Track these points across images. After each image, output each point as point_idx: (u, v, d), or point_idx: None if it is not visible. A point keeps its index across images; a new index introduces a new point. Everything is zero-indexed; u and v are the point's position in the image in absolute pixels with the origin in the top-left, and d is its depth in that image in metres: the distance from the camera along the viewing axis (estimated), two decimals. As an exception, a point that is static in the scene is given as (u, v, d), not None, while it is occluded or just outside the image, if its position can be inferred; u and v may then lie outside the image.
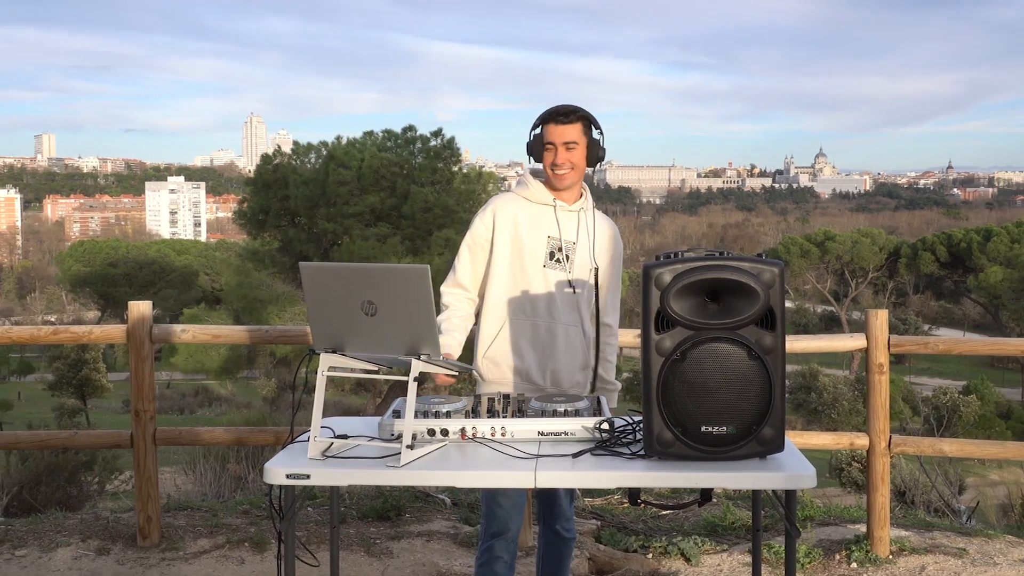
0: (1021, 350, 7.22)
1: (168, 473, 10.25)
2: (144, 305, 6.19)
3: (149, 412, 6.12)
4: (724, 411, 3.10)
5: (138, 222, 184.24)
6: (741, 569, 5.90)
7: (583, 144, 4.07)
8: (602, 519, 6.67)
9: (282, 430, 5.93)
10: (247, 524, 6.47)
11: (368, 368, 3.36)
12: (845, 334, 6.71)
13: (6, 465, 8.97)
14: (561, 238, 4.10)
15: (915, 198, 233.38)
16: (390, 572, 5.79)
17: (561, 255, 4.10)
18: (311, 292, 3.29)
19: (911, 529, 6.54)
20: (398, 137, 33.39)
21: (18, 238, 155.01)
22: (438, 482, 3.30)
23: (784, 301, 3.15)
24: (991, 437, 28.89)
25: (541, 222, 4.11)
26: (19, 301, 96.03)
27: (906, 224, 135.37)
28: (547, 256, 4.09)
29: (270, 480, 3.17)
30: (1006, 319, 57.13)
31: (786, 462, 3.16)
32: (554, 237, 4.10)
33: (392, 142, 33.44)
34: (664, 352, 3.11)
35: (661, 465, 3.14)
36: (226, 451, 9.28)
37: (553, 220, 4.10)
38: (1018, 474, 10.51)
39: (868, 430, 6.17)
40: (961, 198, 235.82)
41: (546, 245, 4.09)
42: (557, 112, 4.05)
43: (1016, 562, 5.95)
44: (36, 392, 48.21)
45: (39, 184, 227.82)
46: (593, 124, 4.10)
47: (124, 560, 5.89)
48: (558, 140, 4.01)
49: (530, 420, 3.42)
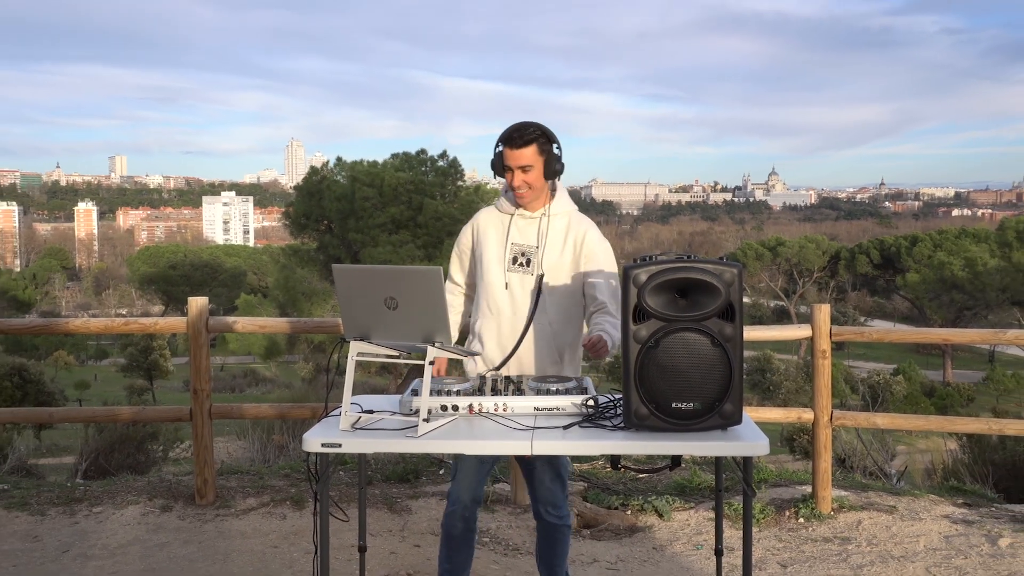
0: (942, 338, 7.20)
1: (221, 442, 10.24)
2: (201, 300, 6.18)
3: (206, 391, 6.13)
4: (691, 390, 3.10)
5: (196, 230, 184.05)
6: (706, 524, 5.90)
7: (539, 163, 3.84)
8: (588, 481, 6.66)
9: (318, 406, 5.93)
10: (288, 486, 6.47)
11: (391, 354, 3.36)
12: (794, 325, 6.70)
13: (85, 436, 8.97)
14: (523, 244, 3.95)
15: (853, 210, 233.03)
16: (409, 526, 5.79)
17: (523, 259, 3.93)
18: (342, 289, 3.29)
19: (849, 490, 6.54)
20: (413, 159, 33.60)
21: (95, 244, 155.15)
22: (449, 450, 3.29)
23: (742, 297, 3.14)
24: (917, 412, 28.89)
25: (507, 230, 3.98)
26: (96, 297, 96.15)
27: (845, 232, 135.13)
28: (510, 261, 3.94)
29: (308, 448, 3.17)
30: (929, 312, 57.11)
31: (744, 433, 3.15)
32: (517, 243, 3.94)
33: (407, 163, 33.61)
34: (640, 340, 3.11)
35: (638, 435, 3.14)
36: (270, 424, 9.28)
37: (515, 228, 3.95)
38: (940, 443, 10.51)
39: (813, 406, 6.16)
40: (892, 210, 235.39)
41: (510, 251, 3.94)
42: (511, 136, 3.83)
43: (938, 517, 5.95)
44: (110, 374, 48.26)
45: (113, 198, 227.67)
46: (548, 140, 3.86)
47: (184, 516, 5.89)
48: (514, 164, 3.83)
49: (527, 398, 3.41)
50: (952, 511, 6.10)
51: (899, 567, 5.16)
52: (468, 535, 4.05)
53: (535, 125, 3.85)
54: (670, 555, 5.47)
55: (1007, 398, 39.91)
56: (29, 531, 5.65)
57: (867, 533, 5.71)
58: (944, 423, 7.06)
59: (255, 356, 52.17)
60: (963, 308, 52.95)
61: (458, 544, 4.03)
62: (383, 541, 5.49)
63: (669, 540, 5.69)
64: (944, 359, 52.15)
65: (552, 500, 4.01)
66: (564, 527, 4.07)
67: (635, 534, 5.80)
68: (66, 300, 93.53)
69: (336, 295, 3.35)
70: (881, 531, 5.73)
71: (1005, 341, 6.55)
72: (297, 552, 5.31)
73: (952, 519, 5.92)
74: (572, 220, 3.97)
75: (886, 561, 5.25)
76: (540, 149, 3.83)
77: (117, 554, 5.29)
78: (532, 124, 3.85)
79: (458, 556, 4.05)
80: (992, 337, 6.91)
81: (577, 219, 3.99)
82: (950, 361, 52.17)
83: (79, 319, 7.40)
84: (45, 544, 5.45)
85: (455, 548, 4.03)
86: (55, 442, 17.45)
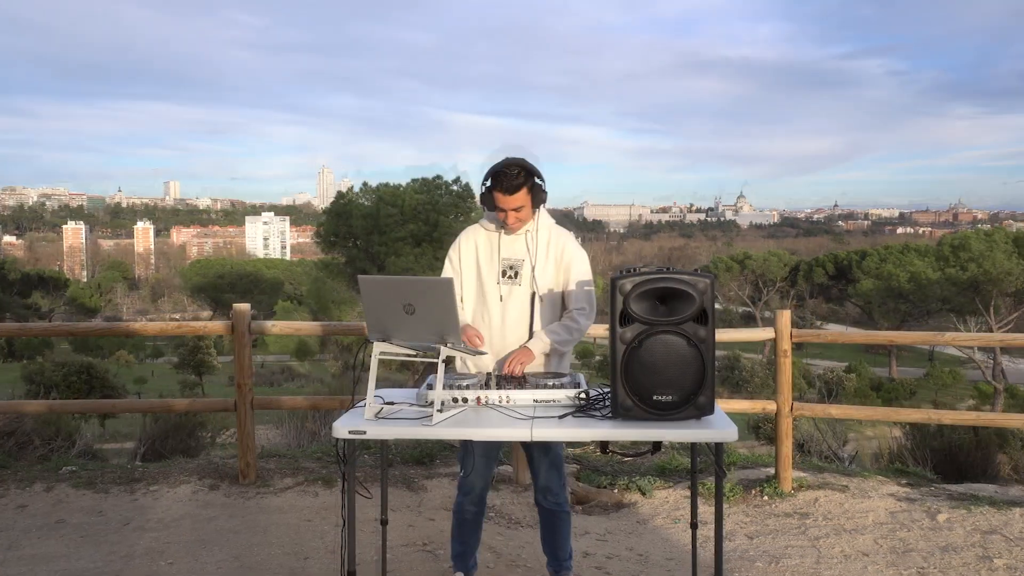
0: (888, 339, 7.22)
1: (262, 430, 10.23)
2: (244, 306, 6.20)
3: (248, 385, 6.13)
4: (670, 384, 3.10)
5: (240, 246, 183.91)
6: (682, 501, 5.90)
7: (528, 200, 3.70)
8: (580, 464, 6.66)
9: (345, 398, 5.93)
10: (320, 467, 6.47)
11: (409, 353, 3.35)
12: (759, 328, 6.69)
13: (143, 424, 8.97)
14: (512, 258, 3.83)
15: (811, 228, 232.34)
16: (425, 502, 5.79)
17: (511, 272, 3.83)
18: (366, 297, 3.29)
19: (808, 471, 6.53)
20: (430, 183, 33.82)
21: (152, 258, 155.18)
22: (460, 436, 3.29)
23: (714, 304, 3.15)
24: (866, 404, 28.80)
25: (494, 246, 3.85)
26: (152, 303, 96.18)
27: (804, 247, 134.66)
28: (500, 274, 3.84)
29: (336, 435, 3.17)
30: (877, 317, 56.94)
31: (715, 422, 3.15)
32: (506, 258, 3.83)
33: (425, 187, 33.80)
34: (626, 341, 3.11)
35: (624, 424, 3.14)
36: (304, 413, 9.27)
37: (504, 244, 3.83)
38: (886, 431, 10.48)
39: (776, 398, 6.16)
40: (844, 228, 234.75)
41: (499, 265, 3.84)
42: (502, 183, 3.64)
43: (885, 495, 5.94)
44: (164, 370, 48.17)
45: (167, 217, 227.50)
46: (534, 177, 3.69)
47: (230, 494, 5.89)
48: (507, 207, 3.67)
49: (528, 391, 3.41)
50: (897, 490, 6.10)
51: (851, 539, 5.15)
52: (478, 518, 4.03)
53: (520, 166, 3.67)
54: (652, 528, 5.47)
55: (945, 392, 39.79)
56: (94, 506, 5.66)
57: (823, 509, 5.70)
58: (890, 413, 7.06)
59: (290, 355, 52.16)
60: (907, 314, 52.80)
61: (470, 527, 4.02)
62: (402, 516, 5.49)
63: (651, 515, 5.69)
64: (890, 358, 52.08)
65: (549, 487, 3.93)
66: (563, 513, 3.98)
67: (621, 510, 5.80)
68: (127, 307, 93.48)
69: (361, 302, 3.35)
70: (835, 507, 5.72)
71: (943, 342, 6.55)
72: (327, 525, 5.31)
73: (897, 497, 5.92)
74: (552, 233, 3.88)
75: (839, 534, 5.24)
76: (529, 189, 3.69)
77: (171, 526, 5.29)
78: (517, 165, 3.67)
79: (471, 537, 4.04)
80: (932, 339, 6.91)
81: (557, 232, 3.90)
82: (895, 360, 52.11)
83: (138, 323, 7.41)
84: (108, 518, 5.45)
85: (468, 531, 4.02)
86: (117, 430, 17.41)
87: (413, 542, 5.04)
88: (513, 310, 3.84)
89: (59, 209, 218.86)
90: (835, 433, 9.30)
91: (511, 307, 3.84)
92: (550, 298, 3.87)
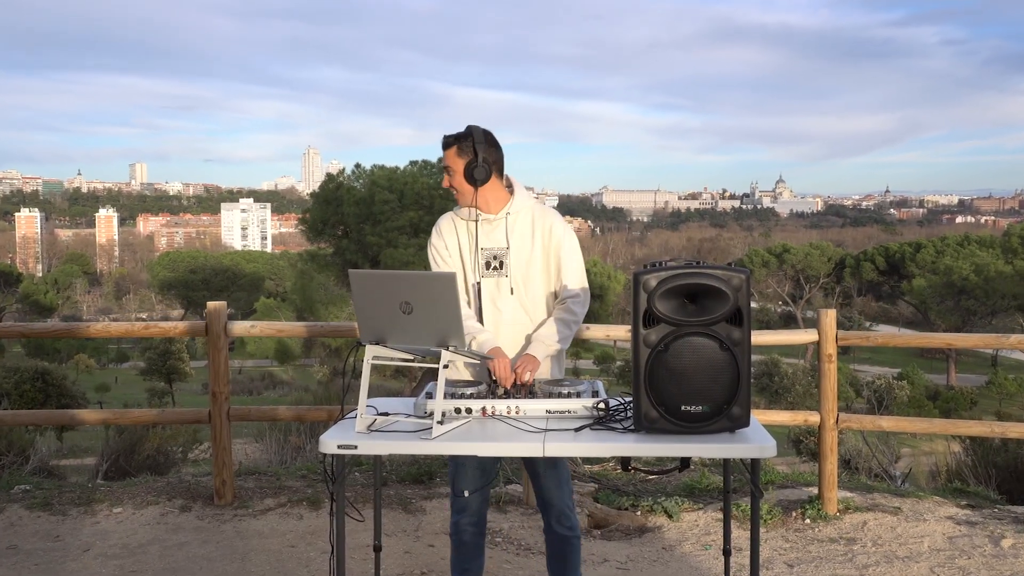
0: (946, 343, 7.20)
1: (239, 444, 10.26)
2: (220, 305, 6.20)
3: (224, 393, 6.14)
4: (700, 393, 3.09)
5: (215, 236, 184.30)
6: (714, 524, 5.89)
7: (459, 167, 3.70)
8: (599, 482, 6.66)
9: (334, 408, 5.93)
10: (305, 486, 6.48)
11: (405, 357, 3.36)
12: (801, 329, 6.68)
13: (106, 437, 9.00)
14: (493, 247, 3.80)
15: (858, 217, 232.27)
16: (423, 526, 5.80)
17: (496, 263, 3.79)
18: (358, 294, 3.29)
19: (855, 491, 6.52)
20: (432, 166, 33.79)
21: (116, 249, 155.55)
22: (463, 451, 3.29)
23: (750, 302, 3.14)
24: (921, 415, 28.78)
25: (472, 235, 3.82)
26: (116, 301, 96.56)
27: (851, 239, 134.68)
28: (483, 266, 3.80)
29: (324, 450, 3.17)
30: (933, 317, 56.91)
31: (751, 435, 3.15)
32: (486, 248, 3.80)
33: (426, 169, 33.78)
34: (650, 344, 3.11)
35: (648, 438, 3.14)
36: (287, 426, 9.29)
37: (482, 233, 3.80)
38: (944, 445, 10.46)
39: (820, 409, 6.15)
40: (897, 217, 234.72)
41: (481, 256, 3.80)
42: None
43: (942, 518, 5.93)
44: (130, 376, 48.39)
45: (133, 204, 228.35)
46: (471, 142, 3.70)
47: (203, 516, 5.90)
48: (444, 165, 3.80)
49: (539, 400, 3.40)
50: (956, 512, 6.09)
51: (904, 567, 5.14)
52: (478, 539, 4.00)
53: (464, 131, 3.73)
54: (679, 555, 5.46)
55: (1010, 402, 39.76)
56: (51, 531, 5.68)
57: (872, 534, 5.70)
58: (948, 426, 7.04)
59: (272, 360, 52.30)
60: (968, 314, 52.71)
61: (470, 549, 3.98)
62: (398, 541, 5.50)
63: (678, 540, 5.69)
64: (948, 363, 51.97)
65: (561, 509, 3.87)
66: (574, 539, 3.92)
67: (645, 534, 5.80)
68: (87, 305, 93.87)
69: (352, 300, 3.36)
70: (886, 532, 5.72)
71: (1008, 346, 6.53)
72: (314, 552, 5.32)
73: (956, 520, 5.90)
74: (536, 214, 3.84)
75: (891, 561, 5.23)
76: (460, 152, 3.71)
77: (137, 553, 5.31)
78: (461, 131, 3.74)
79: (472, 563, 4.00)
80: (995, 342, 6.91)
81: (540, 212, 3.86)
82: (954, 365, 51.99)
83: (100, 323, 7.44)
84: (66, 543, 5.47)
85: (468, 554, 3.98)
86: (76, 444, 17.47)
87: (410, 571, 5.05)
88: (504, 307, 3.82)
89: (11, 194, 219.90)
90: (886, 448, 9.28)
91: (501, 303, 3.82)
92: (541, 288, 3.85)
